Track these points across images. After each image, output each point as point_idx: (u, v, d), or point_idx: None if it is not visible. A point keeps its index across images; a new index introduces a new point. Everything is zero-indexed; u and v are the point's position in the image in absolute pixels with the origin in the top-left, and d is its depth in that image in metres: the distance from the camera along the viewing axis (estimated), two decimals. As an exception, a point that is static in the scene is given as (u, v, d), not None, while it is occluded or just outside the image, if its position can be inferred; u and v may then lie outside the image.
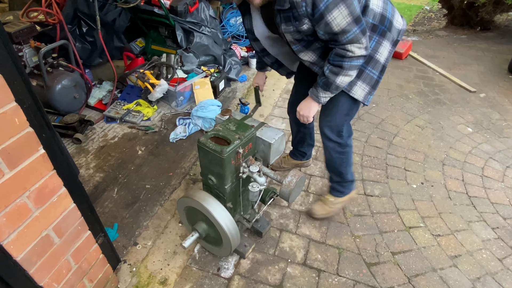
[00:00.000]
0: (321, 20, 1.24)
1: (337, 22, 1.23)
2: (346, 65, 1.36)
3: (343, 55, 1.34)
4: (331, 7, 1.19)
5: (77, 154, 2.47)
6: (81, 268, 1.36)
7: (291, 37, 1.39)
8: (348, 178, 1.92)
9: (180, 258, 1.80)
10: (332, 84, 1.43)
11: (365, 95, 1.56)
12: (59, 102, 2.60)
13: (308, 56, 1.49)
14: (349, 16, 1.23)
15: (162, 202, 2.11)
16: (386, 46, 1.50)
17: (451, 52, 4.51)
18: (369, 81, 1.53)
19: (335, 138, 1.73)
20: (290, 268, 1.77)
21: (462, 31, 5.30)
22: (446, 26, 5.57)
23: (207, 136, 1.44)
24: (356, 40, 1.30)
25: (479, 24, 5.28)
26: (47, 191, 1.09)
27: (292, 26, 1.32)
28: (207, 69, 3.24)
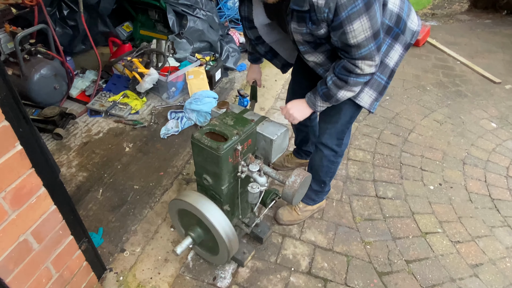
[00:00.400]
0: (339, 29, 1.24)
1: (354, 34, 1.23)
2: (351, 81, 1.38)
3: (350, 71, 1.35)
4: (354, 17, 1.19)
5: (58, 151, 2.48)
6: (62, 277, 1.36)
7: (300, 37, 1.39)
8: (327, 188, 2.00)
9: (172, 266, 1.80)
10: (332, 97, 1.46)
11: (371, 102, 1.58)
12: (38, 93, 2.60)
13: (315, 57, 1.49)
14: (369, 30, 1.23)
15: (152, 204, 2.12)
16: (397, 50, 1.50)
17: (473, 38, 4.50)
18: (376, 87, 1.55)
19: (334, 146, 1.76)
20: (294, 277, 1.78)
21: (486, 15, 5.28)
22: (468, 9, 5.55)
23: (202, 132, 1.44)
24: (369, 57, 1.31)
25: (505, 8, 5.27)
26: (24, 191, 1.09)
27: (306, 28, 1.32)
28: (201, 57, 3.24)
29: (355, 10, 1.17)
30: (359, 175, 2.41)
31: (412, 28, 1.50)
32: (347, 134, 1.78)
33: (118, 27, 3.45)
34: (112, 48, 3.32)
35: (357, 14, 1.18)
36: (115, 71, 3.13)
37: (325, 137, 1.75)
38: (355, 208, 2.16)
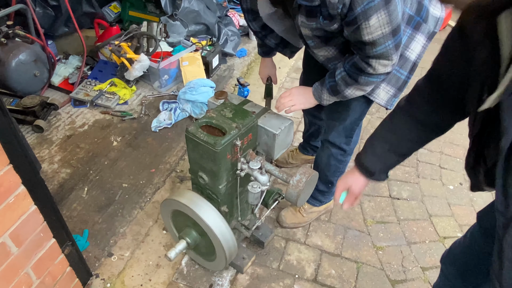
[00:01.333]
0: (353, 25, 1.21)
1: (370, 31, 1.20)
2: (362, 80, 1.37)
3: (362, 69, 1.34)
4: (370, 13, 1.16)
5: (39, 145, 2.48)
6: (44, 284, 1.37)
7: (309, 32, 1.38)
8: (334, 189, 1.96)
9: (164, 272, 1.82)
10: (339, 93, 1.45)
11: (388, 99, 1.56)
12: (16, 81, 2.60)
13: (325, 51, 1.47)
14: (388, 26, 1.20)
15: (142, 204, 2.13)
16: (419, 41, 1.48)
17: (500, 22, 4.47)
18: (395, 83, 1.53)
19: (342, 144, 1.76)
20: (298, 285, 1.80)
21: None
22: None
23: (198, 125, 1.44)
24: (385, 56, 1.28)
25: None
26: (1, 190, 1.09)
27: (316, 23, 1.30)
28: (197, 41, 3.23)
29: (373, 5, 1.14)
30: (371, 173, 2.41)
31: (435, 14, 1.48)
32: (357, 131, 1.77)
33: (104, 7, 3.44)
34: (98, 31, 3.31)
35: (375, 9, 1.15)
36: (102, 56, 3.12)
37: (333, 134, 1.75)
38: (366, 210, 2.17)
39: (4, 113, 1.09)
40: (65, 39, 3.28)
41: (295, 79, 3.35)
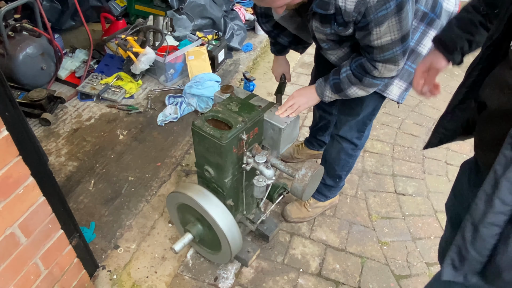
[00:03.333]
0: (365, 30, 1.25)
1: (380, 36, 1.24)
2: (366, 81, 1.41)
3: (367, 71, 1.37)
4: (382, 20, 1.19)
5: (46, 138, 2.51)
6: (52, 274, 1.39)
7: (324, 37, 1.41)
8: (342, 183, 2.01)
9: (170, 265, 1.83)
10: (342, 91, 1.49)
11: (401, 93, 1.59)
12: (23, 74, 2.62)
13: (337, 53, 1.51)
14: (398, 33, 1.24)
15: (148, 197, 2.15)
16: (432, 36, 1.49)
17: None
18: (407, 78, 1.56)
19: (354, 139, 1.78)
20: (302, 279, 1.81)
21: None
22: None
23: (204, 118, 1.45)
24: (392, 61, 1.32)
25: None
26: (11, 181, 1.11)
27: (330, 29, 1.33)
28: (203, 35, 3.23)
29: (385, 13, 1.18)
30: (376, 169, 2.41)
31: (448, 9, 1.49)
32: (369, 127, 1.79)
33: (111, 1, 3.44)
34: (104, 24, 3.32)
35: (387, 16, 1.19)
36: (108, 50, 3.13)
37: (345, 129, 1.76)
38: (371, 205, 2.17)
39: (14, 105, 1.11)
40: (71, 33, 3.30)
41: (301, 74, 3.34)
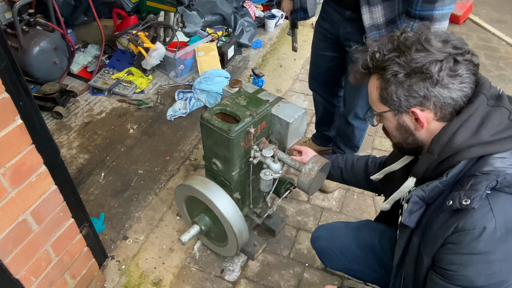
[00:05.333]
0: None
1: None
2: (437, 15, 1.36)
3: (434, 1, 1.33)
4: None
5: (58, 131, 2.55)
6: (62, 262, 1.42)
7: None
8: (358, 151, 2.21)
9: (177, 256, 1.86)
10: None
11: None
12: (37, 68, 2.67)
13: (376, 14, 1.50)
14: None
15: (157, 190, 2.17)
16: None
17: (523, 16, 4.35)
18: None
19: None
20: (308, 273, 1.81)
21: (539, -11, 5.07)
22: (519, -18, 5.33)
23: (212, 112, 1.46)
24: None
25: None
26: (25, 168, 1.13)
27: None
28: (213, 31, 3.24)
29: None
30: (384, 166, 2.40)
31: None
32: None
33: (123, -3, 3.47)
34: (116, 20, 3.35)
35: None
36: (119, 45, 3.17)
37: (357, 111, 1.88)
38: (378, 202, 2.16)
39: (28, 95, 1.13)
40: (84, 28, 3.33)
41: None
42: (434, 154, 0.93)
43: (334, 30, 1.79)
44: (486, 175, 0.85)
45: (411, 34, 0.93)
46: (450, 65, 0.87)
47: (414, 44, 0.90)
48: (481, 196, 0.82)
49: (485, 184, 0.83)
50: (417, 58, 0.88)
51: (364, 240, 1.39)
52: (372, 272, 1.39)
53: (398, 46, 0.92)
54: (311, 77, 2.12)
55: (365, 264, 1.39)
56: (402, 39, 0.92)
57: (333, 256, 1.45)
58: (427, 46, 0.89)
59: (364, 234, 1.40)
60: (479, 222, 0.83)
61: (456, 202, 0.85)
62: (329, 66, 1.96)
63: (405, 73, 0.90)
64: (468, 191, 0.85)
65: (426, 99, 0.91)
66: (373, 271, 1.39)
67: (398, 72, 0.90)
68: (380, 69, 0.95)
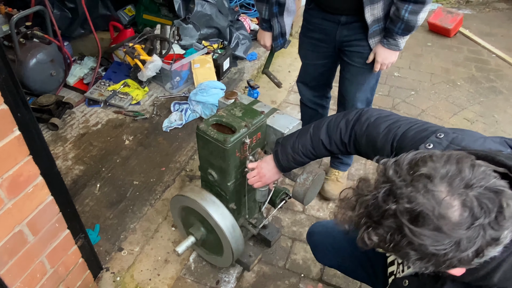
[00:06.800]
0: None
1: None
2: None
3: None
4: None
5: (53, 142, 2.55)
6: (57, 273, 1.42)
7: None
8: None
9: (172, 268, 1.85)
10: (414, 27, 1.60)
11: None
12: (33, 80, 2.68)
13: (376, 10, 1.60)
14: None
15: (152, 201, 2.17)
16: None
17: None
18: None
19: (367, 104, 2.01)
20: (303, 284, 1.81)
21: (527, 3, 5.20)
22: (507, -4, 5.47)
23: (208, 123, 1.48)
24: None
25: (549, -5, 5.18)
26: (21, 179, 1.14)
27: None
28: (209, 44, 3.28)
29: None
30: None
31: None
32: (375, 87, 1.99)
33: (119, 10, 3.51)
34: (112, 33, 3.38)
35: None
36: (116, 58, 3.19)
37: (358, 104, 1.96)
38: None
39: (26, 107, 1.14)
40: (80, 41, 3.36)
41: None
42: (463, 279, 0.76)
43: (328, 38, 1.83)
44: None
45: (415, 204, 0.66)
46: (486, 241, 0.64)
47: (426, 225, 0.65)
48: None
49: None
50: (440, 251, 0.65)
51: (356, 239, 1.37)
52: (361, 271, 1.39)
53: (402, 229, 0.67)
54: (302, 83, 2.15)
55: (356, 262, 1.38)
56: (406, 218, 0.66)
57: (326, 251, 1.45)
58: (447, 228, 0.64)
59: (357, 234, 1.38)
60: None
61: None
62: (320, 72, 2.01)
63: (431, 264, 0.68)
64: None
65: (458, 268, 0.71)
66: (362, 270, 1.38)
67: (421, 266, 0.70)
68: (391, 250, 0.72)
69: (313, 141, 1.25)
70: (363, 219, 0.73)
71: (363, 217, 0.73)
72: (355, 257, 1.37)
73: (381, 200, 0.70)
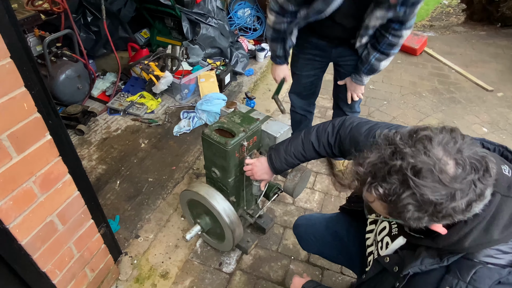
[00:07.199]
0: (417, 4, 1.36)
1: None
2: (393, 53, 1.57)
3: (395, 44, 1.53)
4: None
5: (80, 145, 2.54)
6: (83, 257, 1.41)
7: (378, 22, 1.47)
8: None
9: (181, 252, 1.85)
10: (377, 70, 1.67)
11: None
12: (63, 93, 2.67)
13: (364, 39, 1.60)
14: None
15: (164, 195, 2.17)
16: None
17: (468, 49, 4.48)
18: None
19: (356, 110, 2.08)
20: (293, 265, 1.81)
21: (481, 27, 5.25)
22: (464, 21, 5.52)
23: (212, 128, 1.48)
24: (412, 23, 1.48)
25: (499, 20, 5.23)
26: (52, 177, 1.14)
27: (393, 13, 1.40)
28: (213, 61, 3.28)
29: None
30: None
31: None
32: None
33: (136, 33, 3.52)
34: (130, 52, 3.39)
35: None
36: (133, 73, 3.19)
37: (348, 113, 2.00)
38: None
39: (56, 115, 1.14)
40: (103, 59, 3.36)
41: (294, 94, 3.38)
42: (438, 244, 0.77)
43: (324, 54, 1.83)
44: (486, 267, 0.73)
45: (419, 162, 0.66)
46: (475, 194, 0.66)
47: (429, 178, 0.65)
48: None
49: (489, 283, 0.71)
50: (439, 200, 0.65)
51: (334, 230, 1.37)
52: (339, 256, 1.39)
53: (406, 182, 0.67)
54: (294, 94, 2.13)
55: (334, 249, 1.38)
56: (411, 172, 0.66)
57: (309, 240, 1.45)
58: (445, 180, 0.65)
59: (335, 225, 1.39)
60: None
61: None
62: (311, 80, 2.01)
63: (427, 215, 0.68)
64: (470, 286, 0.72)
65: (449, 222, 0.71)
66: (340, 255, 1.39)
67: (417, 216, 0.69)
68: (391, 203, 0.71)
69: (304, 143, 1.26)
70: (369, 178, 0.72)
71: (369, 175, 0.72)
72: (334, 246, 1.37)
73: (388, 158, 0.70)
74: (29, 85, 1.00)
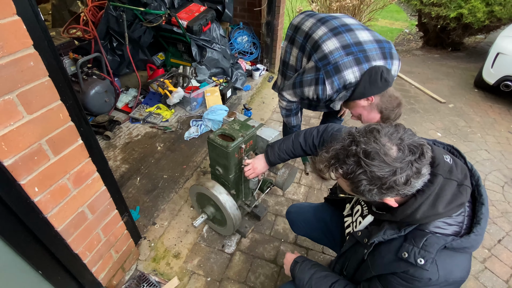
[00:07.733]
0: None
1: None
2: None
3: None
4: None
5: (106, 148, 2.52)
6: (109, 241, 1.40)
7: None
8: None
9: (191, 236, 1.84)
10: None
11: None
12: (92, 105, 2.66)
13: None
14: None
15: (177, 189, 2.16)
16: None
17: (425, 68, 4.53)
18: None
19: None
20: (283, 246, 1.81)
21: (435, 51, 5.32)
22: (422, 46, 5.59)
23: (216, 134, 1.48)
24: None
25: (450, 45, 5.31)
26: (83, 174, 1.13)
27: None
28: (217, 79, 3.29)
29: None
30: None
31: None
32: None
33: (154, 56, 3.51)
34: (149, 71, 3.38)
35: None
36: (151, 89, 3.18)
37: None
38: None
39: (87, 123, 1.14)
40: (126, 77, 3.34)
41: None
42: (396, 218, 0.81)
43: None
44: (435, 236, 0.76)
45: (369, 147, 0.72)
46: (412, 172, 0.72)
47: (376, 159, 0.72)
48: (433, 259, 0.74)
49: (436, 247, 0.74)
50: (384, 175, 0.72)
51: (320, 216, 1.38)
52: (324, 238, 1.39)
53: (360, 163, 0.73)
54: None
55: (320, 232, 1.38)
56: (363, 155, 0.73)
57: (299, 225, 1.45)
58: (388, 160, 0.71)
59: (320, 212, 1.40)
60: (426, 275, 0.75)
61: (412, 258, 0.76)
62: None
63: (376, 187, 0.74)
64: (422, 250, 0.75)
65: (395, 195, 0.77)
66: (324, 237, 1.39)
67: (369, 188, 0.75)
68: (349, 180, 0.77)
69: (294, 143, 1.28)
70: (333, 160, 0.79)
71: (333, 158, 0.79)
72: (320, 229, 1.38)
73: (347, 145, 0.77)
74: (64, 98, 0.99)
